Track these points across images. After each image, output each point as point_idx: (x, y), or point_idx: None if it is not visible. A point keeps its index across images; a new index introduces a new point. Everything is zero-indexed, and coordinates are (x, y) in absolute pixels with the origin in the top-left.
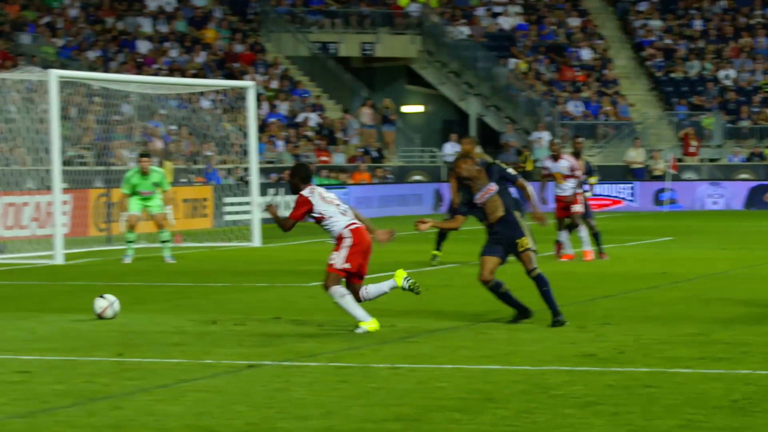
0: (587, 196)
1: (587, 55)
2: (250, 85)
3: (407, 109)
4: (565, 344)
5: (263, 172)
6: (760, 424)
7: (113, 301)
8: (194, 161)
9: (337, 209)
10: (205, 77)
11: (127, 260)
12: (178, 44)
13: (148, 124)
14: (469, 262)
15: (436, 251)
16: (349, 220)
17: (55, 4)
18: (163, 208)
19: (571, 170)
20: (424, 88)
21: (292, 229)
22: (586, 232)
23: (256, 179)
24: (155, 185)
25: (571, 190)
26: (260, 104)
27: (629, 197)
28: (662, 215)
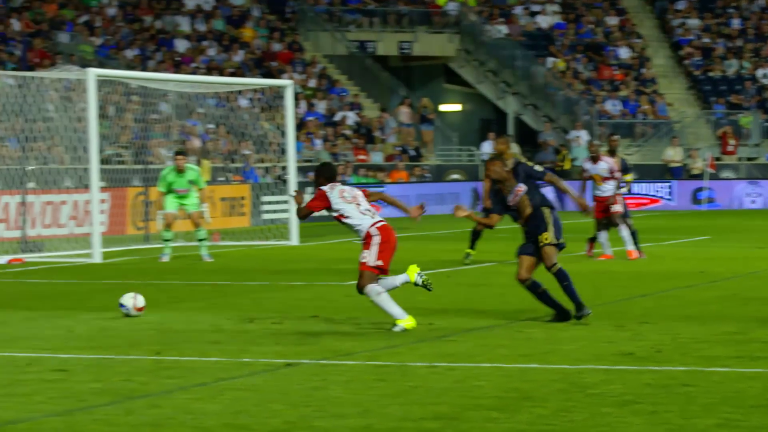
0: (623, 194)
1: (625, 53)
2: (287, 83)
3: (445, 107)
4: (602, 343)
5: (301, 170)
6: None
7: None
8: (232, 160)
9: (357, 209)
10: (242, 76)
11: (164, 259)
12: (216, 43)
13: (185, 122)
14: (505, 261)
15: (469, 250)
16: (373, 219)
17: (93, 2)
18: (199, 206)
19: (610, 172)
20: (461, 86)
21: (306, 218)
22: (627, 231)
23: (293, 178)
24: (191, 183)
25: (610, 191)
26: (298, 103)
27: (667, 196)
28: (700, 214)
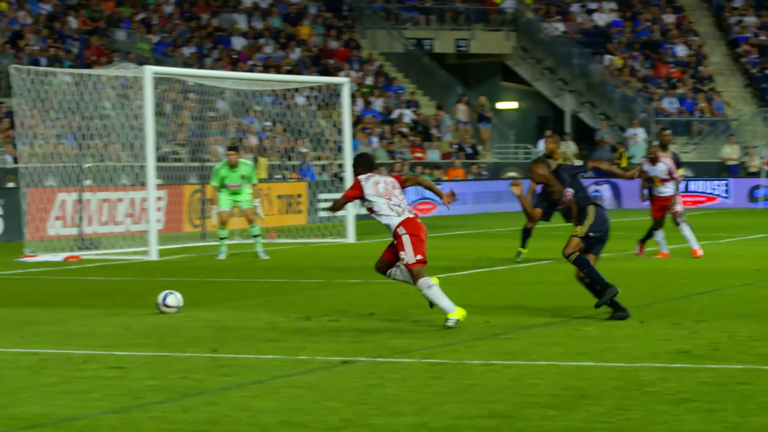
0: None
1: (682, 51)
2: (344, 81)
3: (502, 105)
4: (659, 341)
5: None
6: None
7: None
8: (289, 157)
9: (387, 203)
10: (299, 73)
11: (221, 256)
12: (272, 40)
13: (242, 120)
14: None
15: (521, 248)
16: (399, 218)
17: (150, 0)
18: (252, 202)
19: (669, 173)
20: (518, 84)
21: (340, 209)
22: (689, 230)
23: (350, 176)
24: (243, 178)
25: (670, 191)
26: (355, 100)
27: (724, 194)
28: (757, 212)
